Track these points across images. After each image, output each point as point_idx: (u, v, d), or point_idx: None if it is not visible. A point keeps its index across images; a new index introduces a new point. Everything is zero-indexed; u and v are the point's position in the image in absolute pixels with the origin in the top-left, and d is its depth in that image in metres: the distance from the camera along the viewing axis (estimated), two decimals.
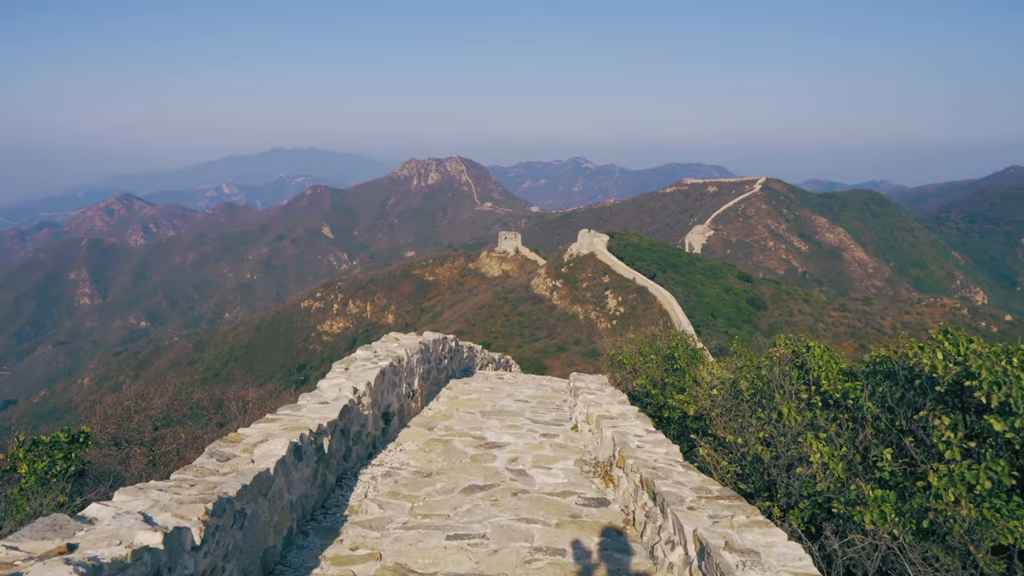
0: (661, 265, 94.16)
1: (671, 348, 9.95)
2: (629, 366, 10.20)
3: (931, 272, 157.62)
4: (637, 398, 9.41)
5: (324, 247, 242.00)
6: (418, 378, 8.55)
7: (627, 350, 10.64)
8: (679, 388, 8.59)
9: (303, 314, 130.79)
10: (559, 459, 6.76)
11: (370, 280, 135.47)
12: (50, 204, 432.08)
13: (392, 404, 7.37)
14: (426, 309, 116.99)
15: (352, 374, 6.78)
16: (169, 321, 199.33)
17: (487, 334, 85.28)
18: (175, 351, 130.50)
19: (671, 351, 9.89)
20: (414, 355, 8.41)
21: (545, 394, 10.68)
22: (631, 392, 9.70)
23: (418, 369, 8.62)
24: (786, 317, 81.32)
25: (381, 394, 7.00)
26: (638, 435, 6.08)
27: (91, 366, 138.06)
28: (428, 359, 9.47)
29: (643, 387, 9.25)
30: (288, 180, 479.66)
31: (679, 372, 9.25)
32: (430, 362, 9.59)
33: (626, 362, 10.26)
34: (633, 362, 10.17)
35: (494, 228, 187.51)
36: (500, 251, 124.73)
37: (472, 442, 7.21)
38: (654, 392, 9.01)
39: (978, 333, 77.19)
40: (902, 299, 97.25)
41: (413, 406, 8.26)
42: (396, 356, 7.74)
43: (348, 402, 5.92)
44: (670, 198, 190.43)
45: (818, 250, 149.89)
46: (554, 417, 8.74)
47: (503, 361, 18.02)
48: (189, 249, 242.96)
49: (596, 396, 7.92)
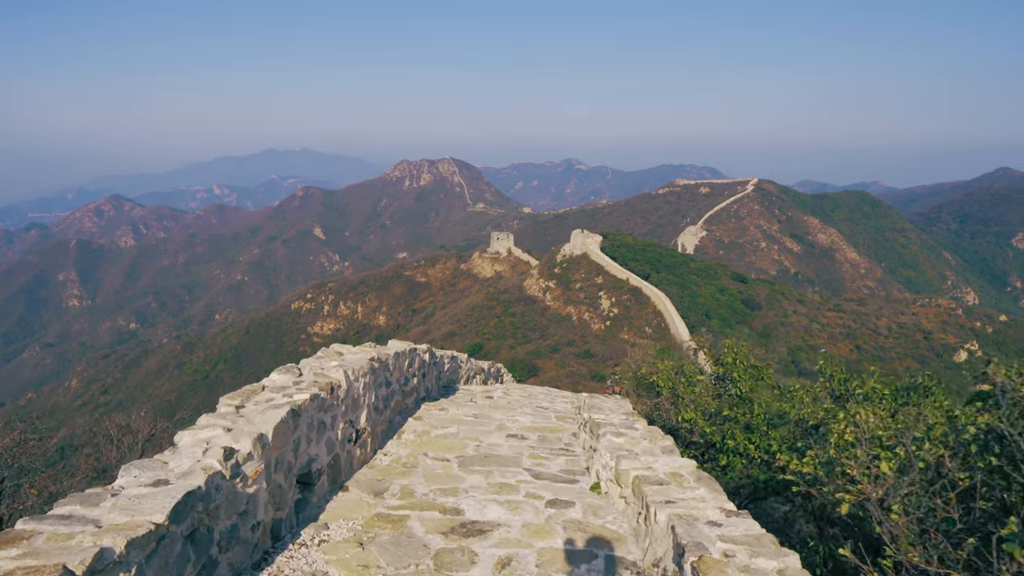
0: (655, 266, 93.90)
1: (726, 364, 7.29)
2: (666, 389, 7.66)
3: (922, 273, 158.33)
4: (679, 436, 7.04)
5: (316, 248, 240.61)
6: (366, 411, 6.11)
7: (663, 368, 7.99)
8: (743, 425, 6.28)
9: (293, 315, 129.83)
10: (582, 557, 4.31)
11: (361, 281, 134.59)
12: (39, 205, 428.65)
13: (318, 458, 4.94)
14: (417, 310, 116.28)
15: (245, 418, 4.22)
16: (159, 323, 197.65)
17: (479, 335, 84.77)
18: (163, 353, 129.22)
19: (726, 368, 7.28)
20: (361, 379, 5.99)
21: (548, 423, 8.41)
22: (671, 428, 7.29)
23: (367, 398, 6.16)
24: (781, 318, 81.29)
25: (292, 449, 4.52)
26: (714, 521, 3.69)
27: (78, 368, 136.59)
28: (387, 381, 7.09)
29: (693, 423, 6.76)
30: (280, 181, 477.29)
31: (741, 401, 6.80)
32: (389, 384, 7.27)
33: (661, 384, 7.68)
34: (672, 384, 7.64)
35: (486, 229, 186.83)
36: (492, 252, 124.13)
37: (440, 522, 4.79)
38: (708, 430, 6.51)
39: (973, 334, 77.55)
40: (897, 299, 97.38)
41: (358, 453, 5.87)
42: (326, 383, 5.20)
43: (209, 477, 3.42)
44: (662, 199, 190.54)
45: (810, 251, 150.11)
46: (564, 465, 6.45)
47: (493, 370, 15.78)
48: (179, 250, 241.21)
49: (626, 438, 5.59)
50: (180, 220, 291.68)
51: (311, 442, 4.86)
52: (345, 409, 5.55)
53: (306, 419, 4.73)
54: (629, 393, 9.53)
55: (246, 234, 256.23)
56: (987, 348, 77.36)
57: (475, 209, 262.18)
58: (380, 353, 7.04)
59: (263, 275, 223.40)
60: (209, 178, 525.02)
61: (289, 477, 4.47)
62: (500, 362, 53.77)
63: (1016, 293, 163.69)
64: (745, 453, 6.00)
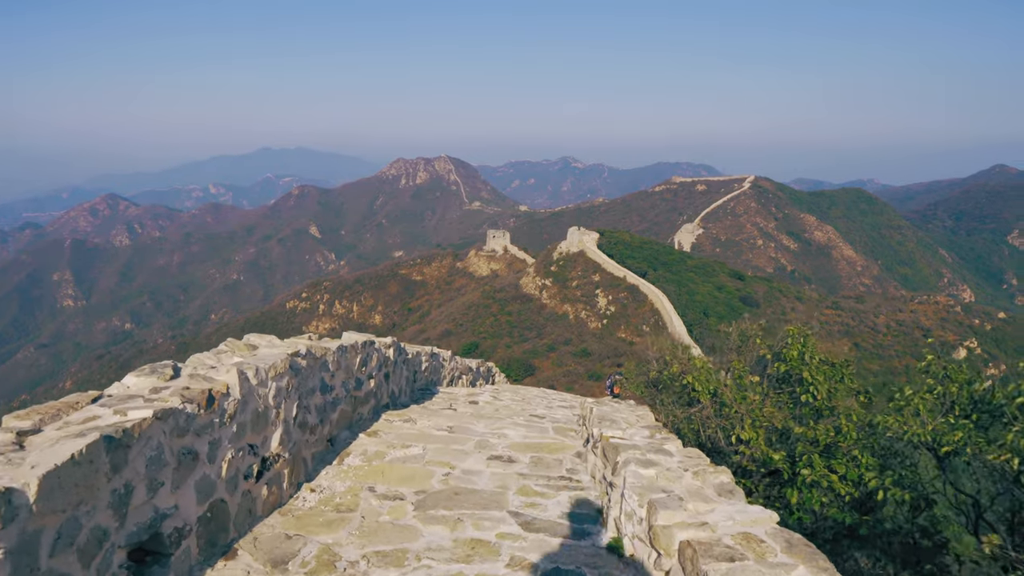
0: (652, 263, 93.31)
1: (790, 360, 5.49)
2: (705, 394, 5.60)
3: (919, 270, 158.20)
4: (726, 459, 5.31)
5: (311, 247, 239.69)
6: (281, 430, 4.37)
7: (700, 365, 5.94)
8: (822, 448, 4.61)
9: (288, 315, 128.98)
10: None
11: (356, 280, 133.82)
12: (33, 204, 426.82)
13: (177, 511, 3.22)
14: (413, 309, 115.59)
15: (25, 456, 2.49)
16: (154, 323, 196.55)
17: (475, 334, 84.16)
18: (158, 353, 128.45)
19: (791, 365, 5.48)
20: (271, 383, 4.25)
21: (544, 438, 6.65)
22: (713, 448, 5.58)
23: (283, 410, 4.41)
24: (779, 315, 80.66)
25: (109, 505, 2.75)
26: None
27: (72, 369, 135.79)
28: (324, 386, 5.39)
29: (753, 445, 4.81)
30: (275, 180, 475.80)
31: (816, 413, 5.13)
32: (329, 389, 5.57)
33: (698, 387, 5.61)
34: (713, 387, 5.59)
35: (483, 227, 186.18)
36: (488, 250, 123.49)
37: None
38: (775, 457, 4.55)
39: (971, 331, 77.16)
40: (895, 297, 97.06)
41: (265, 494, 4.13)
42: (201, 391, 3.49)
43: None
44: (659, 197, 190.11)
45: (807, 248, 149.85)
46: (566, 506, 4.71)
47: (482, 370, 13.84)
48: (175, 250, 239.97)
49: (658, 469, 3.90)
50: (175, 219, 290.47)
51: (161, 487, 3.06)
52: (238, 429, 3.80)
53: (147, 451, 2.93)
54: (642, 399, 7.76)
55: (242, 233, 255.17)
56: (986, 345, 77.11)
57: (471, 207, 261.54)
58: (315, 347, 5.30)
59: (259, 274, 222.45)
60: (205, 177, 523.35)
61: (100, 554, 2.67)
62: (496, 361, 52.75)
63: (1012, 290, 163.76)
64: (829, 487, 4.23)
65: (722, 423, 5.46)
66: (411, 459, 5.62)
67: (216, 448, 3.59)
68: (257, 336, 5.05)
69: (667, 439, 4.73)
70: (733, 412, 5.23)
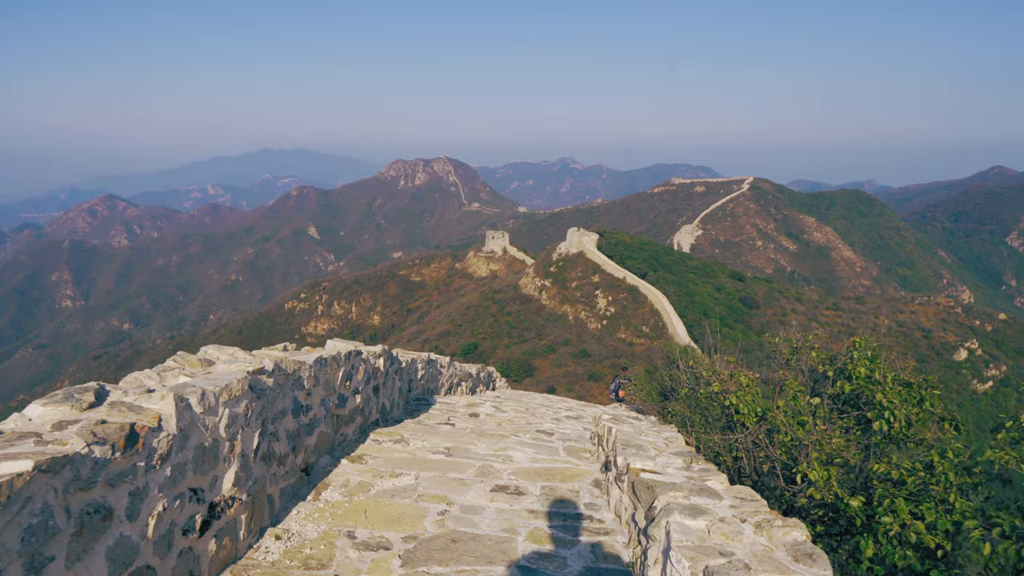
0: (652, 264, 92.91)
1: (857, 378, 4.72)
2: (751, 418, 4.66)
3: (918, 271, 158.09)
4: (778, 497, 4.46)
5: (310, 248, 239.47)
6: (236, 467, 3.56)
7: (746, 383, 4.89)
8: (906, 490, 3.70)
9: (287, 315, 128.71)
10: None
11: (355, 281, 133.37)
12: (31, 205, 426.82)
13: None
14: (412, 310, 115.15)
15: None
16: (152, 323, 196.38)
17: (474, 335, 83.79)
18: (155, 354, 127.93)
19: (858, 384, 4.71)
20: (223, 410, 3.41)
21: (556, 462, 5.94)
22: (761, 484, 4.63)
23: (239, 442, 3.59)
24: (779, 316, 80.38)
25: None
26: None
27: (70, 370, 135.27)
28: (297, 406, 4.61)
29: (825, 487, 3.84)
30: (274, 181, 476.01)
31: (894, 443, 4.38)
32: (304, 410, 4.76)
33: (744, 410, 4.68)
34: (760, 410, 4.69)
35: (481, 228, 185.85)
36: (488, 251, 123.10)
37: None
38: (854, 505, 3.67)
39: (972, 332, 76.86)
40: (895, 298, 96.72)
41: (213, 549, 3.33)
42: (121, 426, 2.71)
43: None
44: (658, 198, 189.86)
45: (806, 249, 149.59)
46: (589, 559, 3.93)
47: (483, 375, 13.01)
48: (173, 250, 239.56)
49: (708, 520, 3.10)
50: (174, 220, 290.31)
51: (50, 563, 2.26)
52: (174, 472, 3.00)
53: (24, 518, 2.14)
54: (653, 406, 7.33)
55: (240, 234, 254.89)
56: (987, 347, 76.78)
57: (470, 208, 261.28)
58: (287, 361, 4.43)
59: (257, 275, 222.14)
60: (203, 178, 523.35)
61: None
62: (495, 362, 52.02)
63: (1011, 291, 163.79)
64: (918, 542, 3.33)
65: (774, 453, 4.48)
66: (401, 492, 4.79)
67: (140, 500, 2.78)
68: (216, 349, 4.25)
69: (707, 472, 3.97)
70: (788, 440, 4.33)
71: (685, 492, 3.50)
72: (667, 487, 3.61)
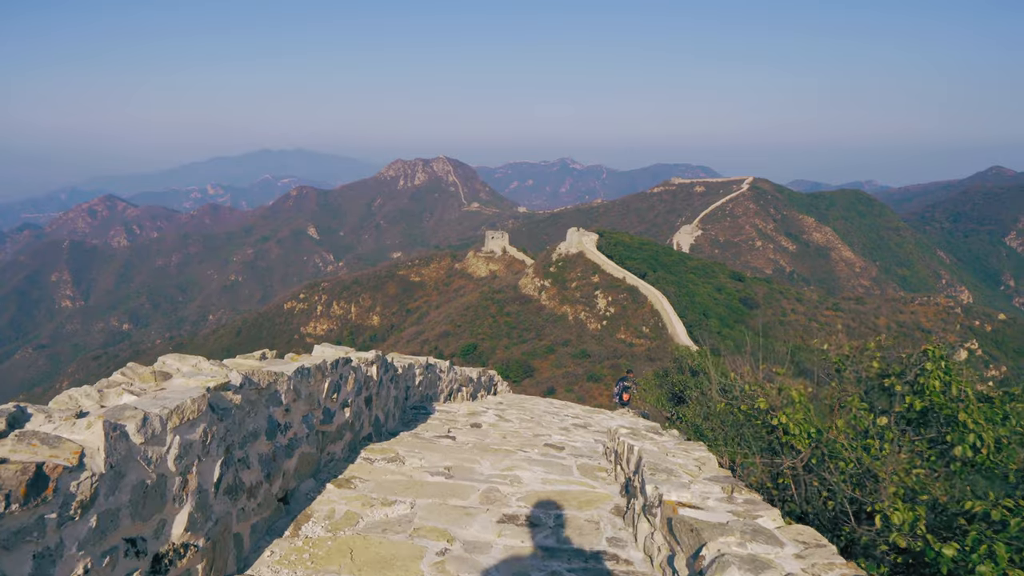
0: (651, 264, 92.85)
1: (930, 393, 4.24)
2: (804, 441, 4.15)
3: (917, 271, 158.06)
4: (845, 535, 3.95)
5: (310, 248, 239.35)
6: (187, 512, 3.07)
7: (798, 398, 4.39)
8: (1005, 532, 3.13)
9: (286, 316, 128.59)
10: None
11: (354, 281, 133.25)
12: (31, 206, 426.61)
13: None
14: (412, 310, 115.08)
15: None
16: (152, 323, 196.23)
17: (474, 336, 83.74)
18: (154, 354, 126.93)
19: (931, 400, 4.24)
20: (170, 437, 2.82)
21: (570, 483, 5.34)
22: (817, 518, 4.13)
23: (191, 478, 3.01)
24: (779, 317, 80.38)
25: None
26: None
27: (69, 370, 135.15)
28: (273, 426, 3.99)
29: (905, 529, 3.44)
30: (274, 181, 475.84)
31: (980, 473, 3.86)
32: (282, 430, 4.15)
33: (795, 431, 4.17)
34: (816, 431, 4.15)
35: (481, 229, 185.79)
36: (487, 251, 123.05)
37: None
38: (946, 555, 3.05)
39: (972, 332, 76.86)
40: (895, 298, 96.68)
41: None
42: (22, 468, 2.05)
43: None
44: (657, 198, 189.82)
45: (806, 250, 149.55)
46: None
47: (483, 380, 12.58)
48: (173, 251, 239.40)
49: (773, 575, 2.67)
50: (174, 220, 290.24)
51: None
52: (101, 521, 2.39)
53: None
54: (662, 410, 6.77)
55: (240, 234, 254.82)
56: (987, 347, 76.78)
57: (470, 208, 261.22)
58: (260, 373, 3.78)
59: (257, 275, 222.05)
60: (203, 178, 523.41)
61: None
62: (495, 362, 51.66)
63: (1010, 292, 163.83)
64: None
65: (836, 482, 3.80)
66: (394, 525, 4.12)
67: (50, 564, 2.15)
68: (177, 359, 3.56)
69: (754, 504, 3.37)
70: (851, 467, 3.66)
71: (738, 536, 2.98)
72: (714, 529, 3.08)
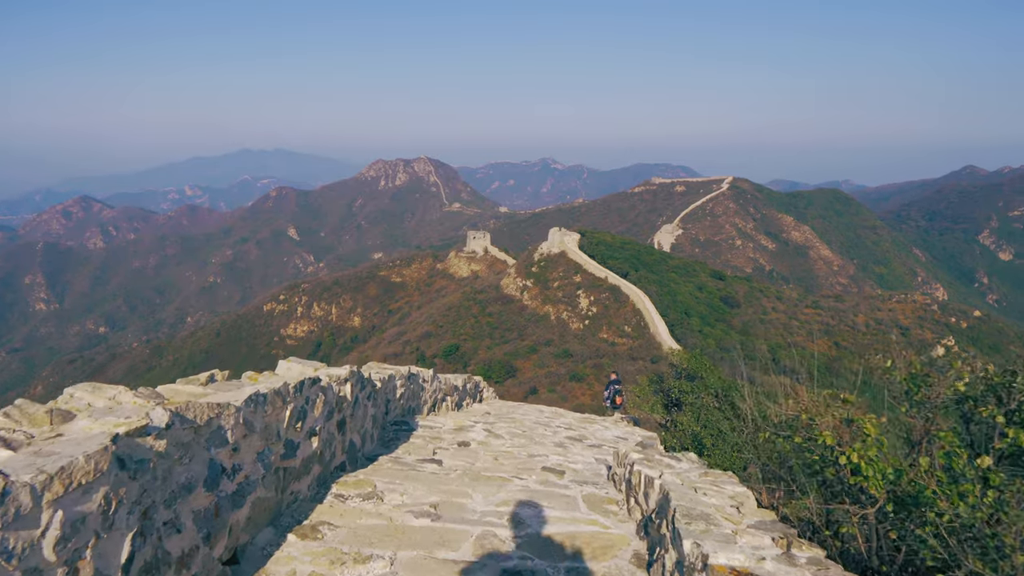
0: (633, 264, 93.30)
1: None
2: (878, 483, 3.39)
3: (894, 269, 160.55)
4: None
5: (290, 249, 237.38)
6: None
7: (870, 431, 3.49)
8: None
9: (266, 317, 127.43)
10: None
11: (335, 282, 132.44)
12: (5, 207, 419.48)
13: None
14: (393, 311, 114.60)
15: None
16: (129, 326, 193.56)
17: (456, 336, 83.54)
18: (132, 357, 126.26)
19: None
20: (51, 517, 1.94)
21: (578, 525, 4.31)
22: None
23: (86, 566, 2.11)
24: (760, 315, 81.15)
25: None
26: None
27: (44, 374, 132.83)
28: (212, 475, 3.05)
29: None
30: (253, 181, 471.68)
31: None
32: (229, 478, 3.24)
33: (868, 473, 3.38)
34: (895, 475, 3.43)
35: (463, 229, 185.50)
36: (469, 251, 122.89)
37: None
38: None
39: (948, 329, 78.08)
40: (872, 295, 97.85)
41: None
42: None
43: None
44: (638, 198, 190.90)
45: (785, 248, 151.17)
46: None
47: (469, 387, 11.94)
48: (150, 252, 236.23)
49: None
50: (151, 221, 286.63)
51: None
52: None
53: None
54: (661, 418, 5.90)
55: (219, 235, 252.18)
56: (963, 343, 78.05)
57: (451, 209, 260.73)
58: (194, 406, 2.90)
59: (236, 277, 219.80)
60: (181, 179, 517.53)
61: None
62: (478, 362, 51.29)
63: (983, 288, 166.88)
64: None
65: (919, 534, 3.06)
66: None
67: None
68: (90, 390, 2.76)
69: (820, 567, 2.67)
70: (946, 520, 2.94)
71: None
72: None
